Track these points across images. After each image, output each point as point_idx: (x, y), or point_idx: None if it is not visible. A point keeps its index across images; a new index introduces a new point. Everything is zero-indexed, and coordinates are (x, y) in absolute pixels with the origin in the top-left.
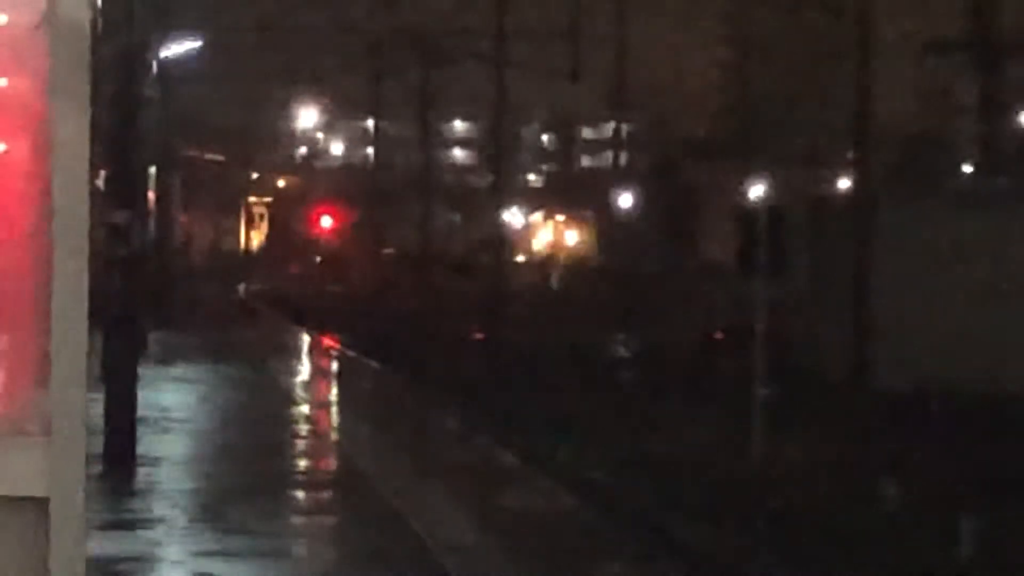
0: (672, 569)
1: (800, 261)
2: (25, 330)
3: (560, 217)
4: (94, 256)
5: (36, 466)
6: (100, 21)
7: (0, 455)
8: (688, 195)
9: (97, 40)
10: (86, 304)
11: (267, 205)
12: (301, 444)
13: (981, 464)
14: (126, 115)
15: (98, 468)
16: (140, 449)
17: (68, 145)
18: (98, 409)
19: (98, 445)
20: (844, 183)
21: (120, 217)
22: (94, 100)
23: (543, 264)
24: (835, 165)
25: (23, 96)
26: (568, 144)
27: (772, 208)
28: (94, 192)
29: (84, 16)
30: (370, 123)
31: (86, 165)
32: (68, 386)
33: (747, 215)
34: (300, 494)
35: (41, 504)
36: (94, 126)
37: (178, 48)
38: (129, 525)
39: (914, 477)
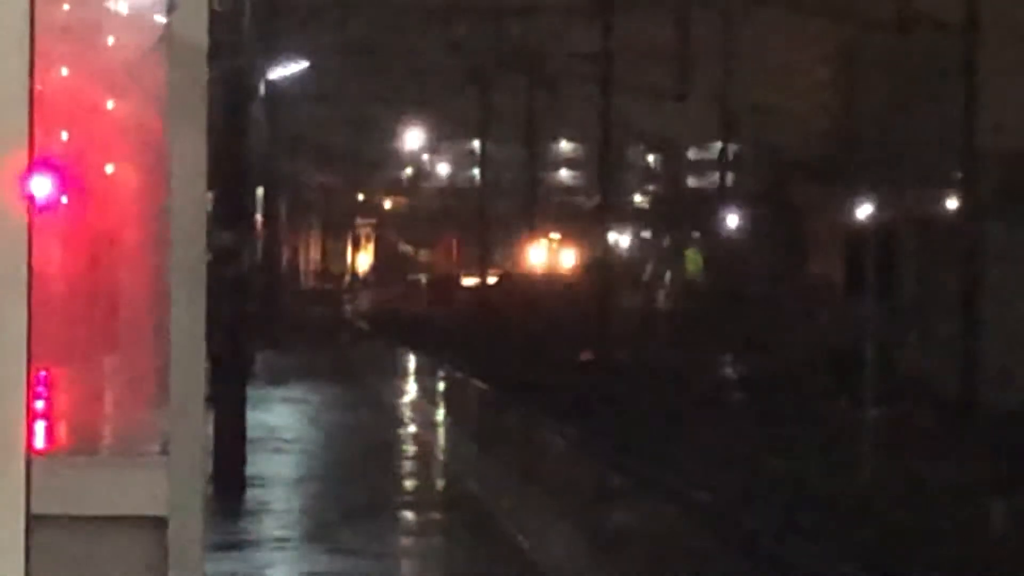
0: None
1: (908, 281)
2: (143, 350)
3: (555, 235)
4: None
5: (155, 486)
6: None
7: (119, 475)
8: (795, 215)
9: (208, 62)
10: (204, 324)
11: (373, 226)
12: (409, 464)
13: None
14: (234, 137)
15: (208, 489)
16: (249, 470)
17: (185, 165)
18: (207, 430)
19: (207, 466)
20: (952, 203)
21: (228, 239)
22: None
23: (648, 285)
24: (943, 184)
25: (140, 118)
26: (674, 165)
27: (880, 228)
28: None
29: (200, 38)
30: (476, 144)
31: (203, 185)
32: (186, 406)
33: (855, 236)
34: (409, 514)
35: (160, 524)
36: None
37: (285, 70)
38: (239, 546)
39: None
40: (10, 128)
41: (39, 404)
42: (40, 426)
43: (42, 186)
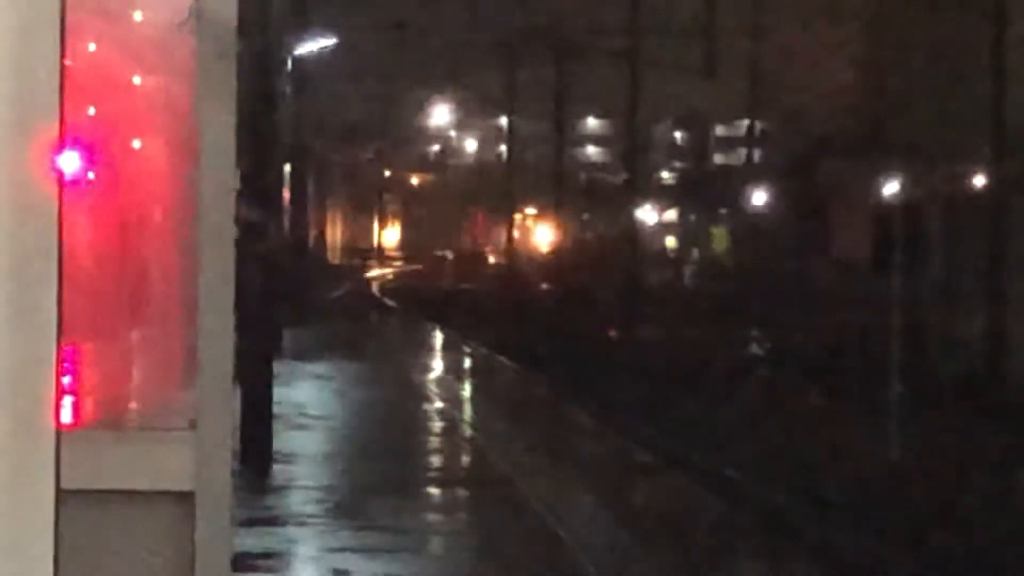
0: (805, 567)
1: (935, 258)
2: (171, 325)
3: (531, 210)
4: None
5: (182, 460)
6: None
7: (147, 450)
8: (823, 192)
9: (237, 37)
10: (232, 299)
11: (400, 202)
12: (435, 440)
13: None
14: (262, 113)
15: (234, 464)
16: (276, 445)
17: (214, 141)
18: (234, 406)
19: (234, 442)
20: (980, 180)
21: (256, 215)
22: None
23: (673, 261)
24: (971, 161)
25: (169, 94)
26: (701, 141)
27: (907, 206)
28: None
29: (229, 13)
30: (503, 120)
31: (232, 160)
32: (214, 381)
33: (883, 213)
34: (435, 490)
35: (188, 499)
36: None
37: (313, 46)
38: (266, 521)
39: None
40: (41, 104)
41: (67, 379)
42: (68, 401)
43: (70, 162)
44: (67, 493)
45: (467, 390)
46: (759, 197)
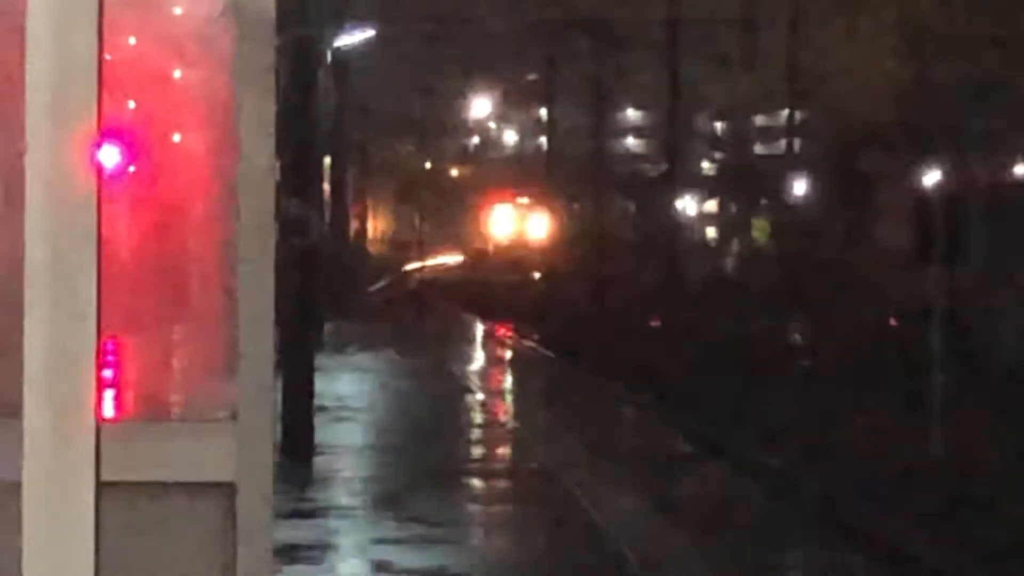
0: (849, 556)
1: (977, 248)
2: (212, 315)
3: (523, 199)
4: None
5: (223, 452)
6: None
7: (187, 441)
8: (863, 182)
9: (276, 30)
10: (273, 291)
11: (440, 194)
12: (477, 432)
13: None
14: (301, 106)
15: (276, 457)
16: (317, 438)
17: (254, 134)
18: (276, 398)
19: (276, 434)
20: (1021, 169)
21: (296, 208)
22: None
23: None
24: (1013, 151)
25: (208, 86)
26: (742, 132)
27: (949, 195)
28: None
29: (268, 4)
30: (543, 112)
31: (272, 153)
32: (255, 371)
33: (924, 202)
34: (477, 482)
35: (228, 490)
36: None
37: (352, 38)
38: (308, 513)
39: None
40: (79, 97)
41: (107, 372)
42: (109, 395)
43: (110, 155)
44: (107, 485)
45: (508, 381)
46: (799, 187)
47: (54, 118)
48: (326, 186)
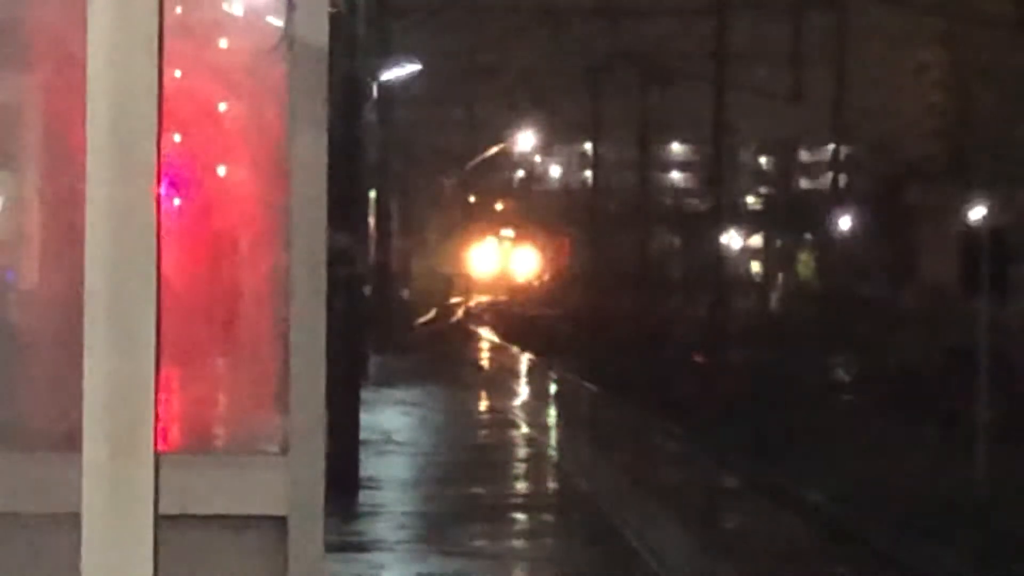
0: None
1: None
2: (264, 349)
3: (507, 232)
4: None
5: (275, 485)
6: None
7: (239, 474)
8: (909, 217)
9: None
10: (324, 324)
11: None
12: (522, 466)
13: None
14: (348, 139)
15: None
16: (363, 472)
17: (306, 168)
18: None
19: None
20: None
21: (342, 241)
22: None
23: (758, 286)
24: None
25: (261, 120)
26: (787, 166)
27: (995, 229)
28: None
29: (321, 38)
30: (588, 146)
31: (324, 187)
32: (306, 405)
33: (970, 236)
34: (522, 516)
35: (280, 523)
36: None
37: (397, 72)
38: (354, 547)
39: None
40: (140, 128)
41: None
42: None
43: (164, 188)
44: (162, 518)
45: (553, 415)
46: (844, 221)
47: (113, 151)
48: (372, 219)
